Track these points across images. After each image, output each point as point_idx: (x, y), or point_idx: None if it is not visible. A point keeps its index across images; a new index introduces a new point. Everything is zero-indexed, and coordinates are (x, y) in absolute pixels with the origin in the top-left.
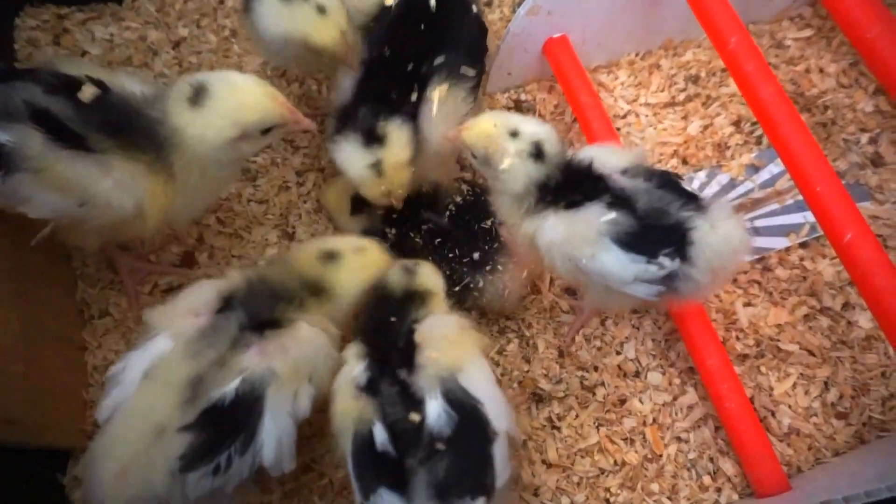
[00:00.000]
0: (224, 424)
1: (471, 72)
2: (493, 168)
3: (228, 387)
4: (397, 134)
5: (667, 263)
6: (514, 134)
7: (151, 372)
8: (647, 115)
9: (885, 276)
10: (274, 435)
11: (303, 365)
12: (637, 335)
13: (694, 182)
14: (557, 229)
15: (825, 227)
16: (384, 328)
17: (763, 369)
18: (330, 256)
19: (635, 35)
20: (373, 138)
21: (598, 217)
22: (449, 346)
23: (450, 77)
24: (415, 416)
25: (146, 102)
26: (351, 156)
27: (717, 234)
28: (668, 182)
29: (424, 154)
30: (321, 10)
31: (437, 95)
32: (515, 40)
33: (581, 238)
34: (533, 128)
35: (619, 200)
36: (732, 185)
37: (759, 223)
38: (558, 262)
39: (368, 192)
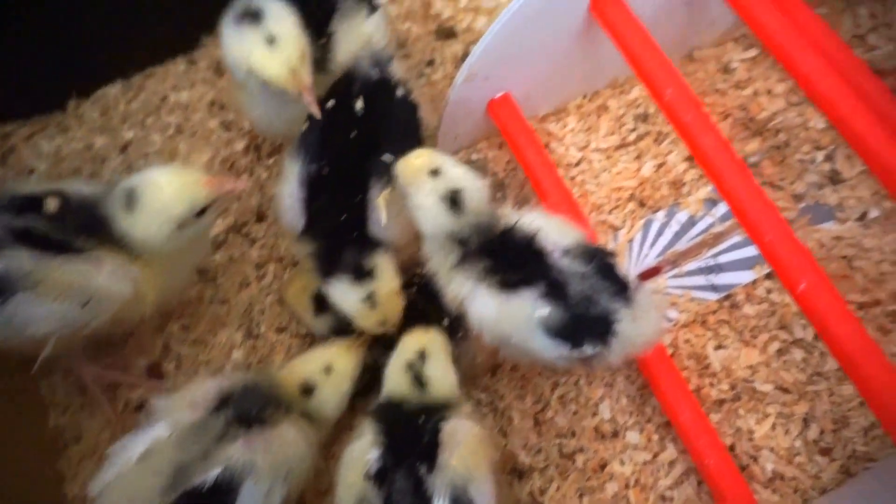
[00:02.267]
0: None
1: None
2: (410, 203)
3: (210, 473)
4: (385, 266)
5: (589, 351)
6: (434, 172)
7: (146, 454)
8: (600, 160)
9: (841, 322)
10: None
11: (282, 464)
12: (611, 393)
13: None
14: (490, 309)
15: (780, 277)
16: (407, 423)
17: (741, 412)
18: (307, 390)
19: (579, 80)
20: (362, 274)
21: (532, 309)
22: (467, 453)
23: (392, 177)
24: None
25: (99, 203)
26: (344, 294)
27: (637, 327)
28: (605, 267)
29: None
30: (271, 40)
31: (383, 202)
32: (457, 107)
33: (513, 325)
34: (456, 173)
35: (555, 287)
36: (692, 222)
37: (723, 258)
38: (486, 333)
39: (364, 324)
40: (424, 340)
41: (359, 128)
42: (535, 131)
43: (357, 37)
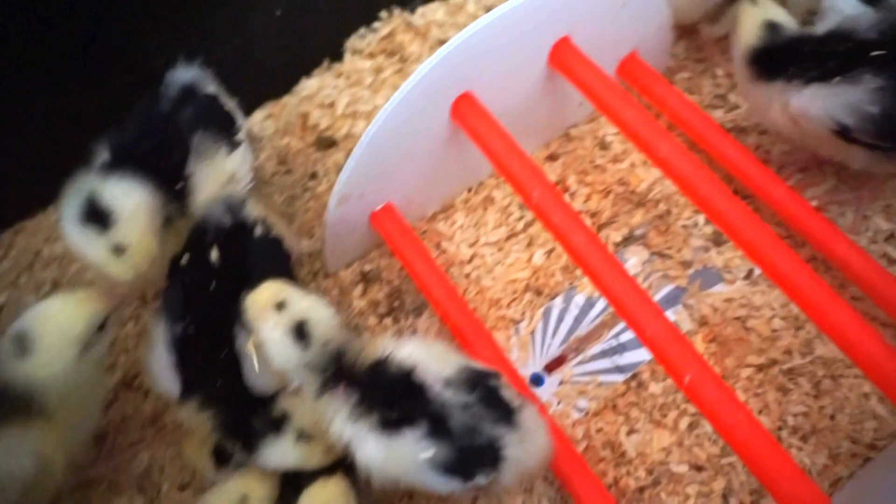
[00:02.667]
0: None
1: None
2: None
3: None
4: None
5: (482, 481)
6: (280, 305)
7: None
8: (492, 254)
9: (729, 412)
10: None
11: None
12: (530, 499)
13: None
14: (377, 454)
15: (666, 370)
16: None
17: (663, 496)
18: None
19: (460, 176)
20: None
21: (417, 451)
22: None
23: None
24: None
25: None
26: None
27: (526, 449)
28: (488, 392)
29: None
30: (118, 250)
31: (252, 348)
32: (337, 227)
33: (401, 467)
34: (302, 305)
35: (437, 423)
36: (590, 303)
37: (624, 337)
38: (375, 476)
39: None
40: (324, 496)
41: (217, 279)
42: (419, 239)
43: (218, 175)
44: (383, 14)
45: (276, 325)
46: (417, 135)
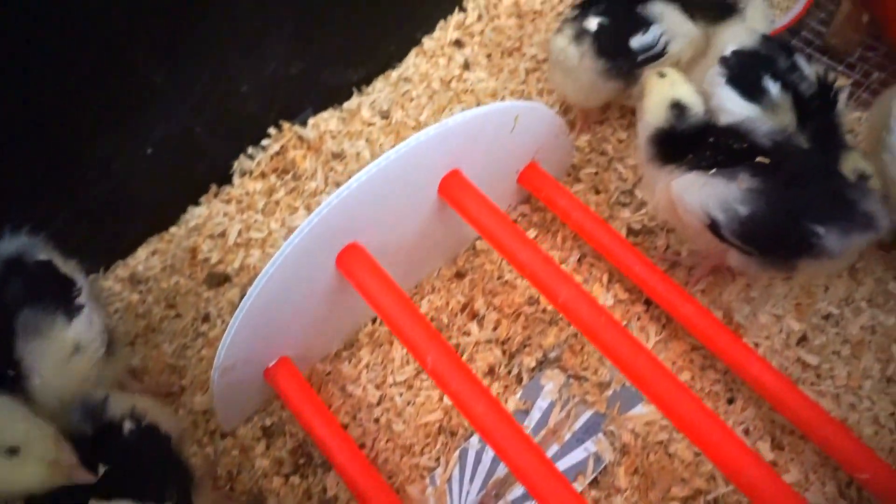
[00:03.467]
0: None
1: None
2: None
3: None
4: None
5: None
6: None
7: None
8: (401, 394)
9: None
10: None
11: None
12: None
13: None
14: None
15: None
16: None
17: None
18: None
19: (358, 315)
20: None
21: None
22: None
23: None
24: None
25: None
26: None
27: None
28: None
29: None
30: (13, 451)
31: None
32: (226, 392)
33: None
34: None
35: None
36: None
37: None
38: None
39: None
40: None
41: (94, 488)
42: (316, 395)
43: (57, 351)
44: (272, 130)
45: None
46: (302, 290)
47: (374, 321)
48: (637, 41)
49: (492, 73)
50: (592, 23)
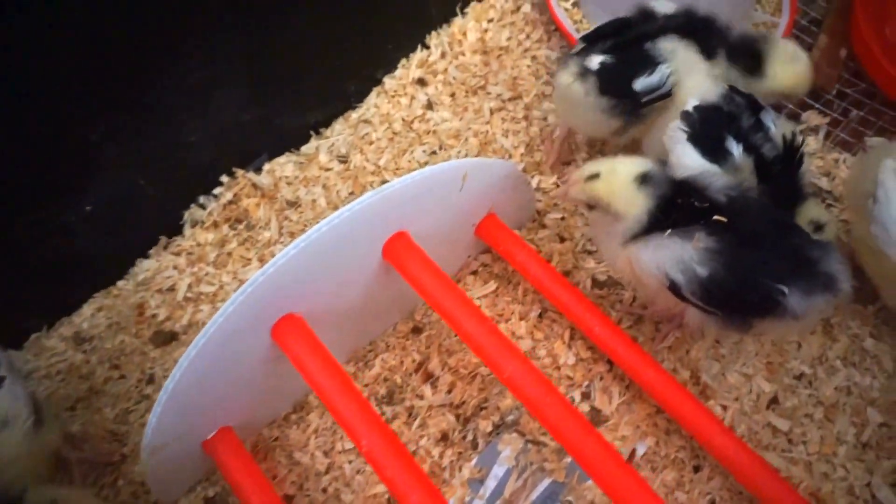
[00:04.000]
0: None
1: None
2: None
3: None
4: None
5: None
6: None
7: None
8: (350, 461)
9: None
10: None
11: None
12: None
13: None
14: None
15: None
16: None
17: None
18: None
19: (302, 384)
20: None
21: None
22: None
23: None
24: None
25: None
26: None
27: None
28: None
29: None
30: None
31: None
32: (160, 468)
33: None
34: None
35: None
36: None
37: None
38: None
39: None
40: None
41: None
42: (258, 469)
43: None
44: (225, 178)
45: None
46: (239, 361)
47: None
48: (641, 83)
49: (455, 113)
50: (594, 62)
